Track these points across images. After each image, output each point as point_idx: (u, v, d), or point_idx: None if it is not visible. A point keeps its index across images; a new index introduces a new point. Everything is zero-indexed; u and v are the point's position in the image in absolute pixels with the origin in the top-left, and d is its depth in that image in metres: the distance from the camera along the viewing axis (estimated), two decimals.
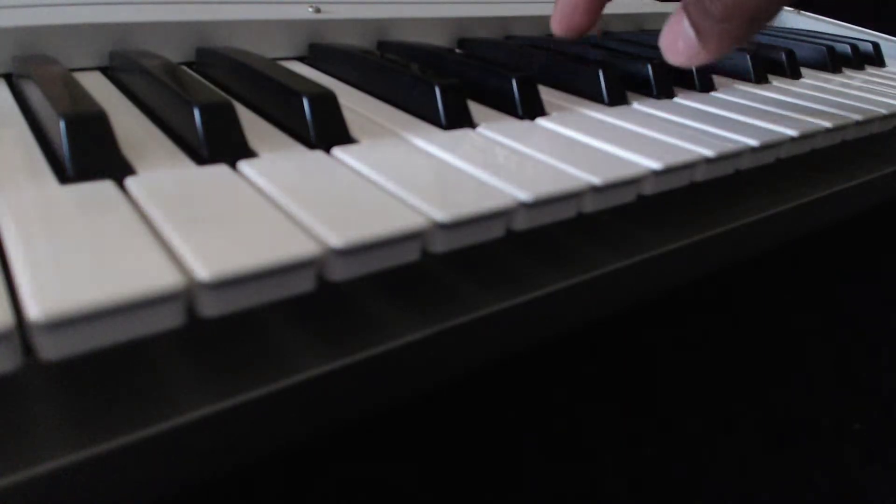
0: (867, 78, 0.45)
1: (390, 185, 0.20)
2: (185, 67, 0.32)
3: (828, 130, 0.31)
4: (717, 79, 0.38)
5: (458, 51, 0.43)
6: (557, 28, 0.33)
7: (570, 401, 0.33)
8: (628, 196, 0.23)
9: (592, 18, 0.32)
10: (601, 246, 0.25)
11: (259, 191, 0.19)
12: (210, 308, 0.15)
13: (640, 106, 0.32)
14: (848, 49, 0.50)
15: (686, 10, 0.26)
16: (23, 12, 0.31)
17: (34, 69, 0.25)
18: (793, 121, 0.31)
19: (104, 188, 0.18)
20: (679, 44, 0.27)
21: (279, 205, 0.18)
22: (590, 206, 0.22)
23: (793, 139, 0.29)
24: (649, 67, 0.34)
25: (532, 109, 0.29)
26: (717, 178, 0.26)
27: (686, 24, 0.26)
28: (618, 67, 0.33)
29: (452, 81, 0.27)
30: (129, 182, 0.19)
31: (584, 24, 0.32)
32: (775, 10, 0.26)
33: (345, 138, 0.24)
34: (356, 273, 0.17)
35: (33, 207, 0.17)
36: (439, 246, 0.18)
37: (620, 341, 0.37)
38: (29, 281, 0.14)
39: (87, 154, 0.19)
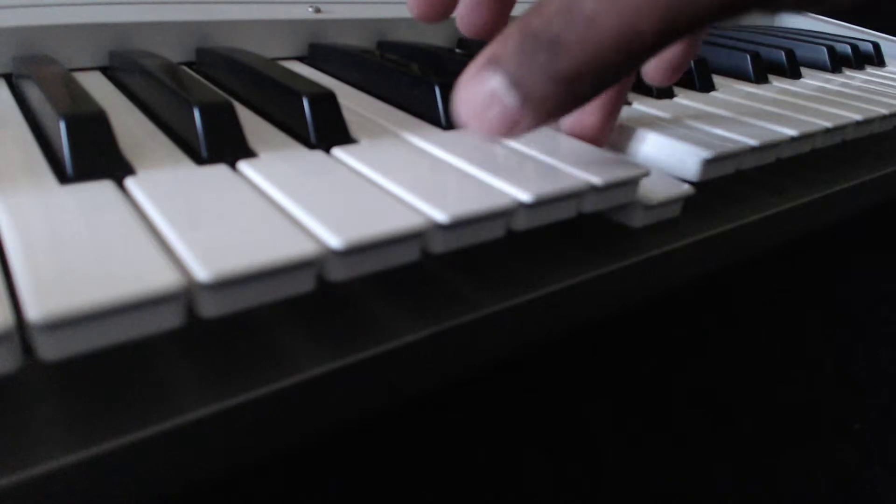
0: (867, 78, 0.45)
1: (390, 185, 0.20)
2: (185, 67, 0.32)
3: (828, 130, 0.31)
4: (717, 79, 0.38)
5: (458, 51, 0.43)
6: (463, 30, 0.28)
7: (570, 401, 0.33)
8: (628, 196, 0.23)
9: (496, 18, 0.26)
10: (600, 246, 0.25)
11: (259, 191, 0.19)
12: (210, 308, 0.15)
13: (640, 106, 0.32)
14: (848, 49, 0.50)
15: (497, 65, 0.18)
16: (23, 12, 0.31)
17: (34, 69, 0.25)
18: (793, 121, 0.31)
19: (104, 188, 0.18)
20: (491, 113, 0.19)
21: (279, 205, 0.18)
22: (590, 206, 0.22)
23: (793, 139, 0.29)
24: None
25: None
26: (716, 177, 0.26)
27: (501, 85, 0.18)
28: None
29: (452, 81, 0.27)
30: (129, 182, 0.19)
31: (489, 25, 0.27)
32: (645, 61, 0.18)
33: (345, 138, 0.24)
34: (356, 273, 0.17)
35: (33, 207, 0.17)
36: (439, 246, 0.18)
37: (620, 341, 0.37)
38: (29, 281, 0.14)
39: (87, 154, 0.19)
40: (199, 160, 0.21)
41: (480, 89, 0.19)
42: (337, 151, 0.22)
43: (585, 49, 0.17)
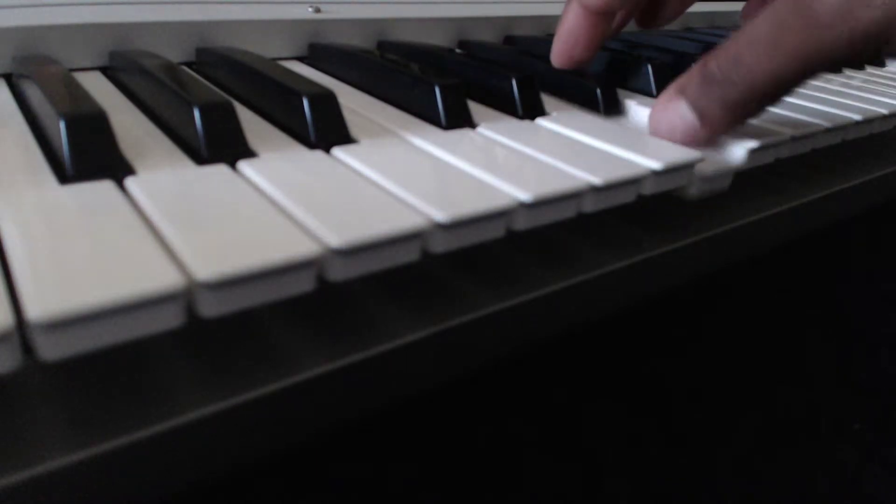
0: (867, 78, 0.45)
1: (390, 185, 0.20)
2: (185, 67, 0.32)
3: (828, 130, 0.31)
4: None
5: (458, 51, 0.43)
6: (557, 61, 0.33)
7: (570, 401, 0.33)
8: (628, 196, 0.23)
9: (592, 53, 0.32)
10: (601, 246, 0.25)
11: (259, 191, 0.19)
12: (210, 308, 0.15)
13: (639, 106, 0.32)
14: None
15: (683, 93, 0.26)
16: (23, 12, 0.31)
17: (34, 69, 0.25)
18: (792, 121, 0.31)
19: (104, 188, 0.18)
20: (678, 128, 0.26)
21: (279, 205, 0.18)
22: (590, 206, 0.22)
23: (793, 139, 0.29)
24: (649, 68, 0.34)
25: (532, 109, 0.29)
26: None
27: (685, 108, 0.25)
28: (617, 68, 0.33)
29: (452, 81, 0.27)
30: (129, 182, 0.19)
31: (583, 58, 0.32)
32: (792, 89, 0.25)
33: (345, 138, 0.24)
34: (356, 273, 0.17)
35: (33, 207, 0.17)
36: (439, 246, 0.18)
37: (620, 341, 0.37)
38: (29, 281, 0.14)
39: (87, 154, 0.19)
40: (200, 160, 0.21)
41: (671, 111, 0.26)
42: (337, 151, 0.22)
43: (746, 88, 0.24)
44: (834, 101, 0.36)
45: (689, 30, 0.57)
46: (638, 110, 0.31)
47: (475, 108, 0.29)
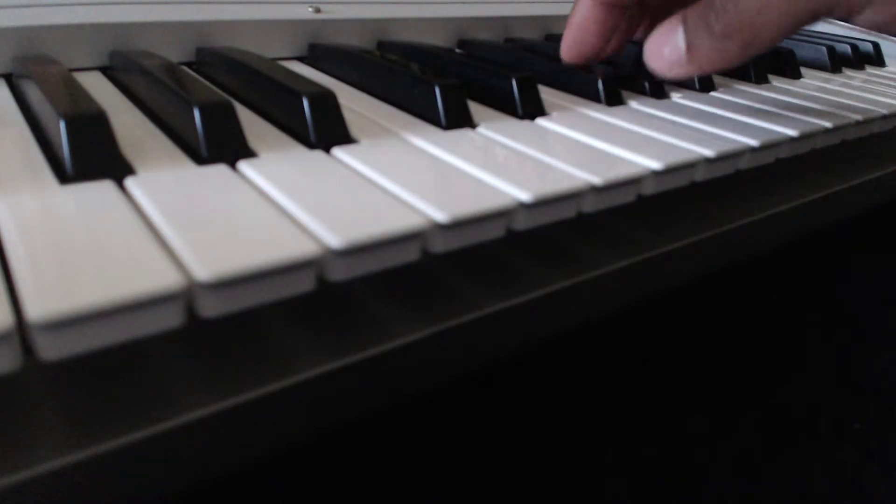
0: (867, 78, 0.45)
1: (390, 186, 0.20)
2: (185, 67, 0.32)
3: (828, 130, 0.31)
4: (716, 79, 0.38)
5: (458, 51, 0.43)
6: (566, 55, 0.33)
7: (570, 400, 0.33)
8: (628, 196, 0.23)
9: (602, 48, 0.32)
10: (601, 246, 0.25)
11: (259, 191, 0.19)
12: (210, 308, 0.15)
13: (639, 106, 0.32)
14: (848, 49, 0.50)
15: (684, 21, 0.26)
16: (23, 12, 0.31)
17: (34, 69, 0.25)
18: (793, 121, 0.31)
19: (104, 188, 0.18)
20: (664, 51, 0.26)
21: (279, 205, 0.18)
22: (590, 206, 0.22)
23: (793, 139, 0.29)
24: None
25: (532, 109, 0.29)
26: (717, 177, 0.26)
27: (679, 34, 0.26)
28: (617, 67, 0.33)
29: (452, 81, 0.27)
30: (129, 182, 0.19)
31: (592, 54, 0.32)
32: (774, 41, 0.25)
33: (345, 138, 0.24)
34: (356, 273, 0.17)
35: (33, 207, 0.17)
36: (439, 246, 0.18)
37: (620, 341, 0.37)
38: (29, 281, 0.14)
39: (86, 154, 0.19)
40: (200, 160, 0.21)
41: (664, 36, 0.27)
42: (337, 151, 0.22)
43: (735, 20, 0.25)
44: (834, 101, 0.36)
45: None
46: (639, 110, 0.31)
47: (475, 108, 0.29)
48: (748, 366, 0.37)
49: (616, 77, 0.33)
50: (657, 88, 0.34)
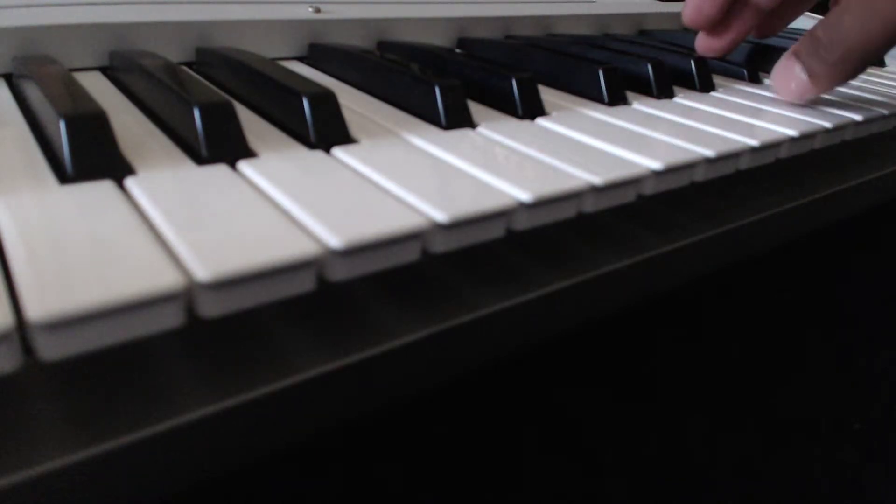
0: (867, 78, 0.45)
1: (390, 185, 0.20)
2: (185, 67, 0.32)
3: (828, 130, 0.31)
4: (717, 79, 0.38)
5: (458, 51, 0.43)
6: (687, 19, 0.37)
7: (569, 400, 0.33)
8: (628, 196, 0.23)
9: (717, 17, 0.36)
10: (601, 246, 0.25)
11: (259, 191, 0.19)
12: (210, 308, 0.15)
13: (640, 106, 0.32)
14: None
15: (797, 56, 0.32)
16: (23, 12, 0.31)
17: (34, 69, 0.25)
18: (793, 121, 0.31)
19: (104, 188, 0.18)
20: (791, 85, 0.32)
21: (279, 205, 0.18)
22: (590, 206, 0.22)
23: (793, 139, 0.29)
24: (649, 67, 0.34)
25: (532, 109, 0.29)
26: (717, 177, 0.26)
27: (798, 68, 0.32)
28: (618, 67, 0.33)
29: (452, 81, 0.27)
30: (129, 182, 0.19)
31: (713, 16, 0.36)
32: (884, 52, 0.31)
33: (345, 138, 0.24)
34: (356, 273, 0.17)
35: (33, 207, 0.17)
36: (439, 246, 0.18)
37: (620, 341, 0.37)
38: (29, 281, 0.14)
39: (86, 154, 0.19)
40: (199, 160, 0.21)
41: (787, 70, 0.33)
42: (337, 151, 0.22)
43: (843, 50, 0.30)
44: (834, 101, 0.36)
45: None
46: (639, 110, 0.31)
47: (475, 108, 0.29)
48: (748, 365, 0.37)
49: (621, 77, 0.33)
50: (663, 90, 0.34)
